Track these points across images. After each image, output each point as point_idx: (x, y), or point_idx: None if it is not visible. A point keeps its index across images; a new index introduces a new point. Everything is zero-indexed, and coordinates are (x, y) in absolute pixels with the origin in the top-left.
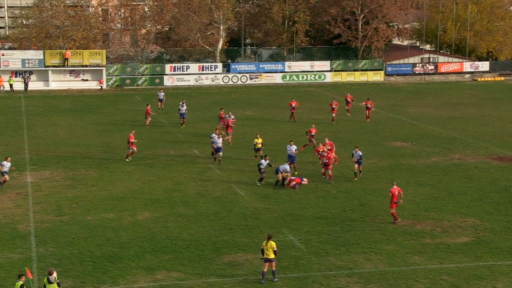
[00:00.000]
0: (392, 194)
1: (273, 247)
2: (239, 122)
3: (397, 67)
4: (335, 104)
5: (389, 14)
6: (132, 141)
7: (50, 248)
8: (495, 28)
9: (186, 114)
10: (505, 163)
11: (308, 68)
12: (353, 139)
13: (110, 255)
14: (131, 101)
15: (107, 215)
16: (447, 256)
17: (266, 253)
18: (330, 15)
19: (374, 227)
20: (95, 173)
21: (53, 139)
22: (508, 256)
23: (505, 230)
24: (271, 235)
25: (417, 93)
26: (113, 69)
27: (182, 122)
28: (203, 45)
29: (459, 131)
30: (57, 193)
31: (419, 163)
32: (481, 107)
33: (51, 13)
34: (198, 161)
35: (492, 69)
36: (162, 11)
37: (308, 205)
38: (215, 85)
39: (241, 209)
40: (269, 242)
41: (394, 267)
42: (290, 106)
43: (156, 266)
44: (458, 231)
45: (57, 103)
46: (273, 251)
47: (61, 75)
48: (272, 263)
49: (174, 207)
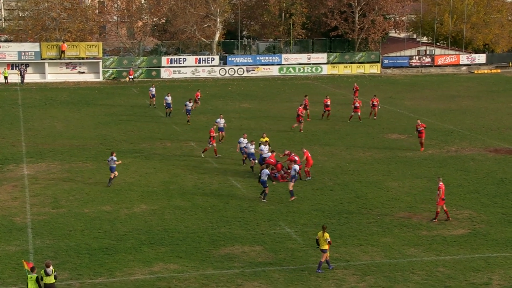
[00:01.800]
0: (442, 190)
1: (326, 239)
2: (236, 115)
3: (394, 59)
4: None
5: (386, 6)
6: (213, 136)
7: (47, 241)
8: (492, 20)
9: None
10: (502, 155)
11: (305, 61)
12: (350, 132)
13: (107, 247)
14: (128, 94)
15: (104, 207)
16: (443, 248)
17: (320, 243)
18: (327, 8)
19: (370, 220)
20: (92, 165)
21: (50, 132)
22: (504, 248)
23: (501, 222)
24: (326, 226)
25: (414, 86)
26: (110, 62)
27: (188, 119)
28: (200, 38)
29: (456, 124)
30: (54, 185)
31: (416, 155)
32: (477, 99)
33: (48, 5)
34: (195, 153)
35: (488, 62)
36: (159, 3)
37: (305, 198)
38: (211, 77)
39: (238, 201)
40: (324, 233)
41: (390, 259)
42: (325, 104)
43: (153, 259)
44: (455, 223)
45: (53, 95)
46: (327, 242)
47: (58, 68)
48: (326, 253)
49: (171, 199)
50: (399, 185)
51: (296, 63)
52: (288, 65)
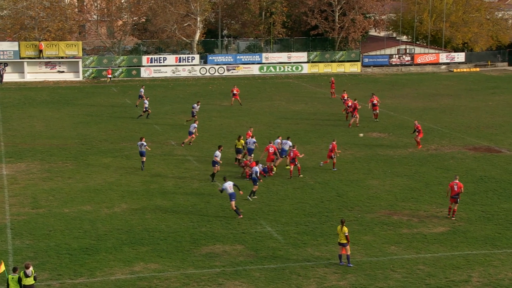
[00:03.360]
0: (450, 188)
1: (344, 232)
2: (216, 114)
3: (374, 58)
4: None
5: (366, 5)
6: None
7: (26, 241)
8: (471, 19)
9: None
10: (481, 154)
11: (285, 59)
12: (331, 130)
13: (87, 247)
14: (108, 93)
15: (84, 207)
16: (423, 246)
17: (339, 237)
18: (307, 6)
19: (351, 218)
20: (72, 165)
21: (29, 131)
22: (483, 245)
23: (481, 219)
24: (344, 220)
25: (394, 84)
26: (90, 61)
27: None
28: (180, 37)
29: (436, 122)
30: (33, 185)
31: (396, 153)
32: (457, 98)
33: (26, 4)
34: (175, 152)
35: (467, 60)
36: (139, 2)
37: (286, 196)
38: (192, 76)
39: (219, 200)
40: (342, 227)
41: (371, 257)
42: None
43: (134, 258)
44: (435, 221)
45: (33, 95)
46: (345, 237)
47: (37, 67)
48: (346, 247)
49: (152, 199)
50: (379, 183)
51: (276, 62)
52: (269, 64)
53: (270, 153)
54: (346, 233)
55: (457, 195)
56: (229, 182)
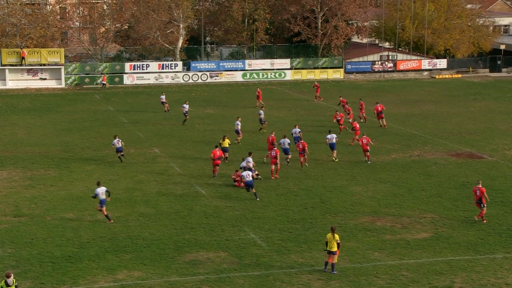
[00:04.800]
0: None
1: (337, 240)
2: (199, 121)
3: (357, 64)
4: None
5: (348, 12)
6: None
7: (8, 249)
8: (452, 26)
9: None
10: (463, 159)
11: (268, 66)
12: (314, 137)
13: (70, 255)
14: (90, 100)
15: (66, 215)
16: (406, 252)
17: (329, 245)
18: (290, 13)
19: (335, 224)
20: (54, 172)
21: (11, 139)
22: (466, 251)
23: (463, 225)
24: (335, 227)
25: (377, 90)
26: (72, 68)
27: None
28: (163, 44)
29: (418, 128)
30: (15, 193)
31: (379, 160)
32: (439, 104)
33: (8, 11)
34: (158, 159)
35: (449, 67)
36: (121, 9)
37: (269, 203)
38: (175, 83)
39: (203, 207)
40: (334, 235)
41: (355, 264)
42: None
43: (117, 266)
44: (418, 227)
45: (14, 102)
46: (337, 244)
47: (19, 74)
48: (334, 255)
49: (135, 206)
50: (362, 189)
51: (259, 68)
52: (252, 71)
53: (272, 156)
54: (338, 240)
55: (480, 200)
56: (102, 187)
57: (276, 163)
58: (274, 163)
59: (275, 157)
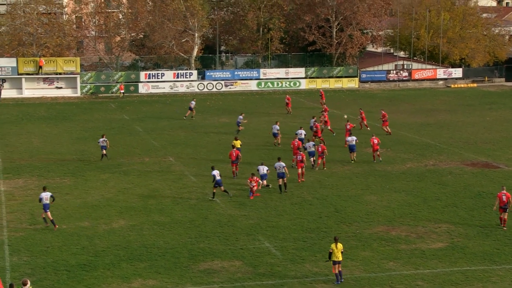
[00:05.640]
0: (499, 199)
1: (341, 249)
2: (214, 129)
3: (372, 74)
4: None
5: (363, 21)
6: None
7: (24, 257)
8: (468, 35)
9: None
10: (479, 169)
11: (283, 75)
12: (328, 146)
13: (85, 263)
14: (106, 109)
15: (82, 223)
16: (422, 261)
17: (336, 255)
18: (305, 22)
19: (349, 234)
20: (70, 181)
21: (27, 147)
22: (482, 261)
23: (479, 235)
24: (338, 237)
25: (392, 100)
26: (88, 77)
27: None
28: (178, 53)
29: (433, 137)
30: (31, 201)
31: (394, 169)
32: (454, 113)
33: (24, 21)
34: (173, 168)
35: (465, 76)
36: (137, 18)
37: (284, 212)
38: (190, 92)
39: (217, 216)
40: (338, 244)
41: (369, 273)
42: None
43: (132, 274)
44: (433, 236)
45: (31, 111)
46: (341, 253)
47: (35, 83)
48: (339, 264)
49: (150, 214)
50: (377, 199)
51: (274, 77)
52: (267, 80)
53: (298, 161)
54: (342, 249)
55: (506, 205)
56: (47, 192)
57: (303, 167)
58: (301, 167)
59: (302, 161)
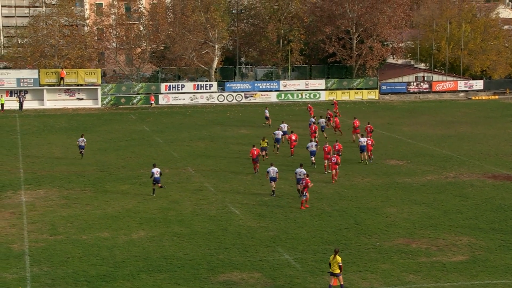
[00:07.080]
0: None
1: (338, 262)
2: (234, 141)
3: (392, 85)
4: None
5: (383, 33)
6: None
7: (44, 268)
8: (489, 47)
9: None
10: (500, 182)
11: (303, 87)
12: (348, 158)
13: (105, 274)
14: (126, 120)
15: (102, 234)
16: (442, 274)
17: (332, 267)
18: (325, 34)
19: (369, 246)
20: (90, 192)
21: (48, 158)
22: (503, 275)
23: (501, 248)
24: (338, 249)
25: (412, 112)
26: (108, 88)
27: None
28: (198, 64)
29: (454, 150)
30: (51, 212)
31: (414, 181)
32: (475, 125)
33: (46, 33)
34: (193, 179)
35: (486, 88)
36: (157, 30)
37: (303, 224)
38: (210, 103)
39: (236, 228)
40: (335, 257)
41: (389, 286)
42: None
43: (151, 286)
44: (454, 249)
45: (52, 122)
46: (338, 266)
47: (56, 94)
48: (338, 277)
49: (169, 226)
50: (397, 211)
51: (294, 89)
52: (286, 91)
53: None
54: (340, 263)
55: None
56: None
57: (336, 168)
58: (335, 168)
59: (336, 163)
